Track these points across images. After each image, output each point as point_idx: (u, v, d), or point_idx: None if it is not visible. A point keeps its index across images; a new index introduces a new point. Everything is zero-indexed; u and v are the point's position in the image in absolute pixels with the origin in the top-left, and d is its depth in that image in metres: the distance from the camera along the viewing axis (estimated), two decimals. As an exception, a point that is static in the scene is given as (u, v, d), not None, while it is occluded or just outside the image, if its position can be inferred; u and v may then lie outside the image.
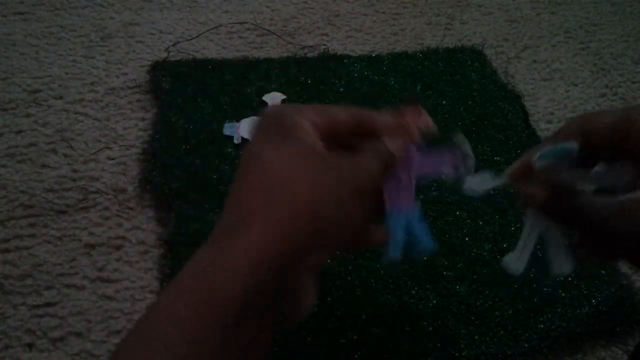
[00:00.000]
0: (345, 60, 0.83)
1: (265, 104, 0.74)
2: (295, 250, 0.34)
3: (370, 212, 0.39)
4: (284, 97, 0.76)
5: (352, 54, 0.85)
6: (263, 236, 0.33)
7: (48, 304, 0.55)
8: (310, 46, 0.85)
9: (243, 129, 0.71)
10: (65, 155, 0.66)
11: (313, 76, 0.79)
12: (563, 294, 0.59)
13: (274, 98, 0.75)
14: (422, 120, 0.43)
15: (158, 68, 0.78)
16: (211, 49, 0.83)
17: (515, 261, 0.47)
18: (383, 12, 0.94)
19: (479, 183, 0.44)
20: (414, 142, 0.42)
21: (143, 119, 0.72)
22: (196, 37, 0.84)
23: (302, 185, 0.35)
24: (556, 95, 0.83)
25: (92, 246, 0.59)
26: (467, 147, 0.43)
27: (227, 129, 0.71)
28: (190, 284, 0.33)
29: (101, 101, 0.73)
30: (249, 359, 0.33)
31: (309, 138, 0.38)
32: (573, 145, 0.40)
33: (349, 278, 0.58)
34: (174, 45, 0.82)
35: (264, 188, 0.35)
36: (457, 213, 0.65)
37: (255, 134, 0.39)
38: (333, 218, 0.35)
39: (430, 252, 0.43)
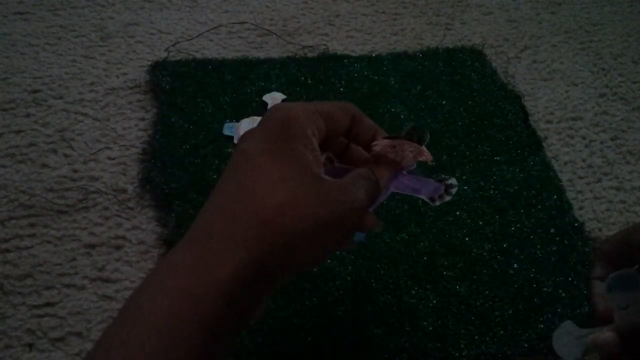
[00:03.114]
0: (345, 60, 0.83)
1: (265, 104, 0.74)
2: (264, 269, 0.35)
3: (340, 242, 0.41)
4: (284, 97, 0.76)
5: (352, 54, 0.85)
6: (241, 254, 0.34)
7: (48, 304, 0.55)
8: (310, 46, 0.85)
9: (243, 128, 0.71)
10: (65, 155, 0.66)
11: (313, 76, 0.79)
12: (563, 294, 0.59)
13: (274, 98, 0.75)
14: (422, 155, 0.47)
15: (158, 68, 0.78)
16: (211, 49, 0.83)
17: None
18: (383, 12, 0.94)
19: (567, 349, 0.47)
20: (401, 169, 0.46)
21: (143, 119, 0.72)
22: (196, 37, 0.84)
23: (289, 212, 0.36)
24: (556, 95, 0.83)
25: (92, 246, 0.59)
26: (454, 189, 0.48)
27: (227, 129, 0.71)
28: (173, 285, 0.34)
29: (101, 101, 0.73)
30: None
31: (311, 155, 0.38)
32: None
33: (349, 278, 0.58)
34: (174, 45, 0.82)
35: (253, 199, 0.36)
36: (457, 213, 0.65)
37: (257, 132, 0.39)
38: (310, 247, 0.37)
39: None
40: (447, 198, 0.49)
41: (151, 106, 0.74)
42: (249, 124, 0.71)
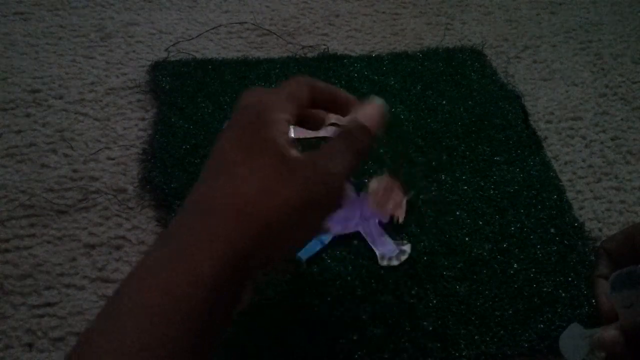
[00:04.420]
0: (345, 60, 0.83)
1: None
2: (246, 260, 0.36)
3: (323, 220, 0.41)
4: None
5: (352, 53, 0.85)
6: (221, 248, 0.35)
7: (48, 304, 0.55)
8: (310, 46, 0.85)
9: None
10: (65, 155, 0.67)
11: (313, 76, 0.79)
12: (563, 294, 0.59)
13: None
14: (396, 211, 0.61)
15: (158, 68, 0.78)
16: (211, 49, 0.83)
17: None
18: (383, 12, 0.94)
19: (574, 350, 0.47)
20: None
21: (143, 119, 0.72)
22: (196, 37, 0.84)
23: (264, 201, 0.37)
24: (556, 95, 0.83)
25: (92, 246, 0.59)
26: (405, 257, 0.59)
27: None
28: (153, 283, 0.34)
29: (101, 101, 0.73)
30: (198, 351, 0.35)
31: (283, 139, 0.39)
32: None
33: (349, 278, 0.58)
34: (174, 45, 0.82)
35: (229, 192, 0.37)
36: (457, 213, 0.65)
37: (232, 127, 0.41)
38: (288, 232, 0.38)
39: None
40: (395, 263, 0.57)
41: (151, 106, 0.74)
42: None
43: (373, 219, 0.61)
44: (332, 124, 0.65)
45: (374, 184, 0.64)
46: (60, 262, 0.58)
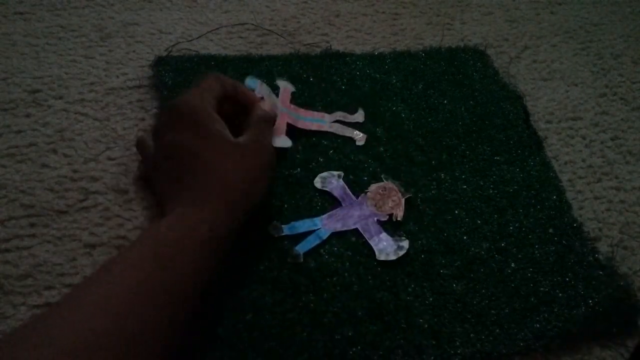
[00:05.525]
0: (347, 58, 0.83)
1: (277, 87, 0.74)
2: (233, 218, 0.52)
3: (273, 175, 0.60)
4: (293, 89, 0.76)
5: (353, 53, 0.85)
6: (215, 212, 0.51)
7: (48, 304, 0.55)
8: (312, 44, 0.85)
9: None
10: (65, 155, 0.67)
11: (315, 74, 0.79)
12: (560, 294, 0.59)
13: (285, 85, 0.75)
14: (396, 210, 0.64)
15: (161, 63, 0.78)
16: (211, 49, 0.83)
17: None
18: (383, 12, 0.94)
19: None
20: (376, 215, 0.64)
21: (143, 119, 0.72)
22: (197, 37, 0.84)
23: (231, 174, 0.53)
24: (556, 95, 0.83)
25: (92, 246, 0.59)
26: (402, 252, 0.61)
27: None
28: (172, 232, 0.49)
29: (101, 101, 0.73)
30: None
31: (223, 128, 0.55)
32: None
33: (346, 274, 0.58)
34: (174, 45, 0.82)
35: (207, 180, 0.52)
36: (456, 212, 0.65)
37: (178, 126, 0.55)
38: (255, 188, 0.55)
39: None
40: (393, 257, 0.60)
41: (151, 106, 0.74)
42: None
43: (372, 218, 0.62)
44: (337, 121, 0.70)
45: (373, 187, 0.65)
46: (61, 262, 0.58)
